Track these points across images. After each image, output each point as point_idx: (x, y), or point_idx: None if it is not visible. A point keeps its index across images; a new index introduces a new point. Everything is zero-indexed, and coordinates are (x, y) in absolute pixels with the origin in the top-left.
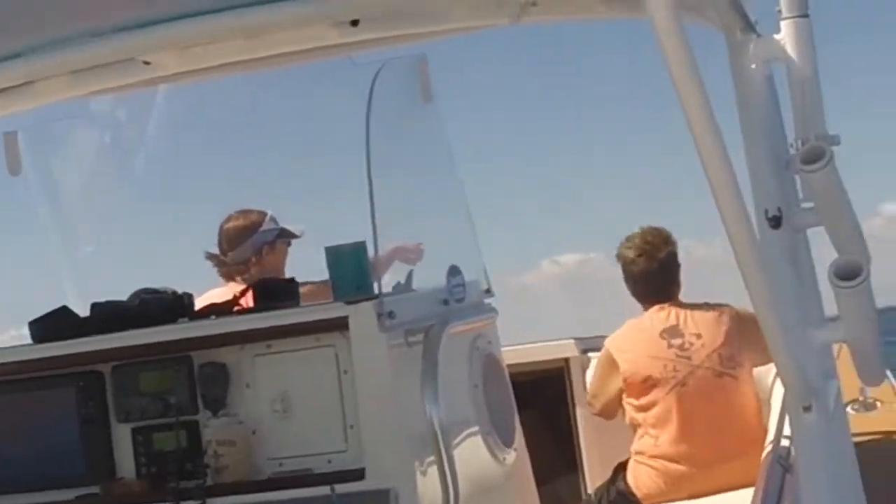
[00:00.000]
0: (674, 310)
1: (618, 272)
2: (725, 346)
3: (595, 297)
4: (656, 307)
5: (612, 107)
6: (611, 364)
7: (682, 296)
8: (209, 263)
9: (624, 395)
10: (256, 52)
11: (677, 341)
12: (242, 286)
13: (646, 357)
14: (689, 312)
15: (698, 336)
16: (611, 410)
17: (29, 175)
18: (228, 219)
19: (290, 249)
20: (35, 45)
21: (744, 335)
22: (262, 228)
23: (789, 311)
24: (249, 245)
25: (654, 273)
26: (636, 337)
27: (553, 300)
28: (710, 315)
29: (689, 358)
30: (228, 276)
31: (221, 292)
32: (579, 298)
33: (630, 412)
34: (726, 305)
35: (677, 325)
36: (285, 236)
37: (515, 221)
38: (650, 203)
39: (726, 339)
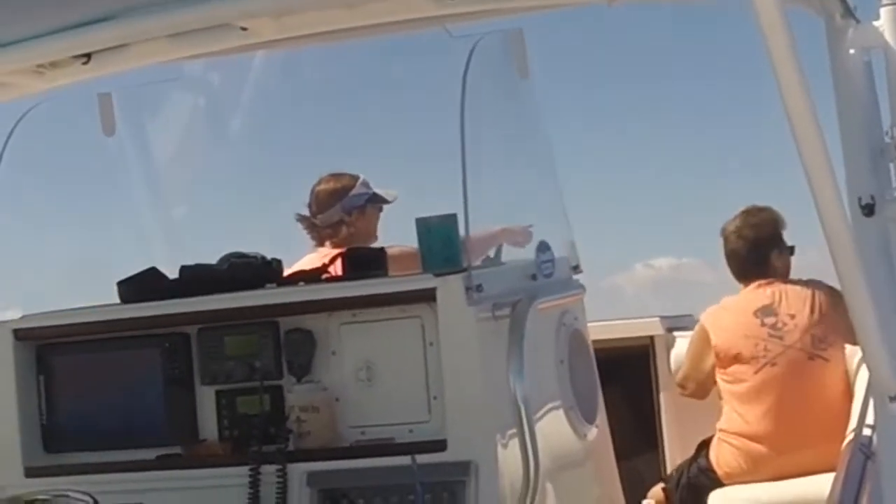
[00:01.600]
0: (770, 288)
1: (709, 276)
2: (819, 327)
3: (686, 299)
4: (754, 284)
5: (704, 112)
6: (705, 340)
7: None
8: (301, 227)
9: (717, 369)
10: (353, 22)
11: (770, 320)
12: (333, 251)
13: (738, 335)
14: (785, 291)
15: (792, 316)
16: (704, 390)
17: (122, 136)
18: (320, 181)
19: (382, 216)
20: (132, 7)
21: (838, 315)
22: (352, 192)
23: (879, 300)
24: (339, 208)
25: (750, 250)
26: (730, 314)
27: (644, 302)
28: (805, 294)
29: (781, 338)
30: (319, 241)
31: (311, 259)
32: (670, 301)
33: (721, 384)
34: (823, 284)
35: (772, 304)
36: (376, 201)
37: (610, 224)
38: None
39: (820, 319)
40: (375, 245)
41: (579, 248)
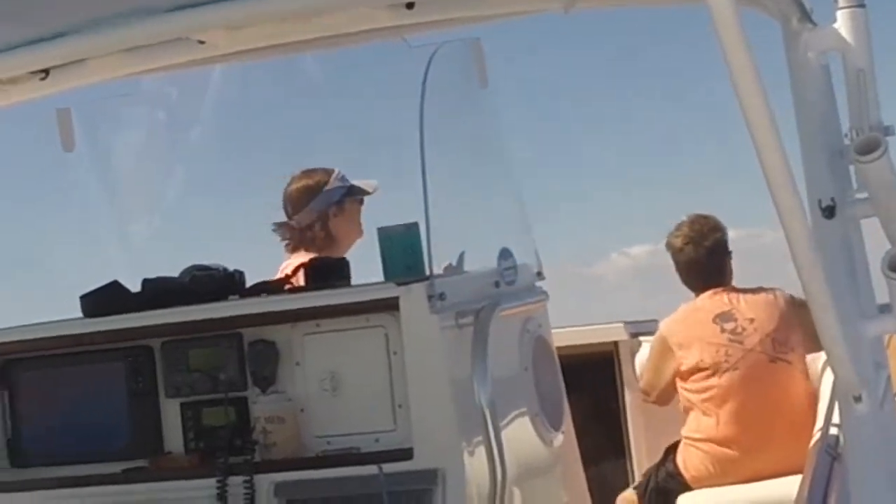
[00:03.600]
0: (727, 294)
1: None
2: (779, 331)
3: (665, 286)
4: (710, 292)
5: (670, 99)
6: (665, 350)
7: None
8: (276, 236)
9: (677, 380)
10: (310, 34)
11: (730, 325)
12: (307, 257)
13: (699, 342)
14: (742, 297)
15: (751, 320)
16: (667, 397)
17: (82, 151)
18: (291, 181)
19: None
20: (88, 22)
21: (798, 320)
22: (327, 188)
23: (841, 301)
24: (315, 205)
25: (701, 260)
26: (689, 322)
27: (624, 290)
28: (763, 299)
29: (741, 342)
30: (296, 246)
31: (289, 267)
32: (650, 288)
33: (683, 394)
34: (780, 290)
35: (730, 309)
36: (355, 194)
37: (583, 214)
38: (703, 194)
39: (780, 323)
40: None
41: (554, 245)
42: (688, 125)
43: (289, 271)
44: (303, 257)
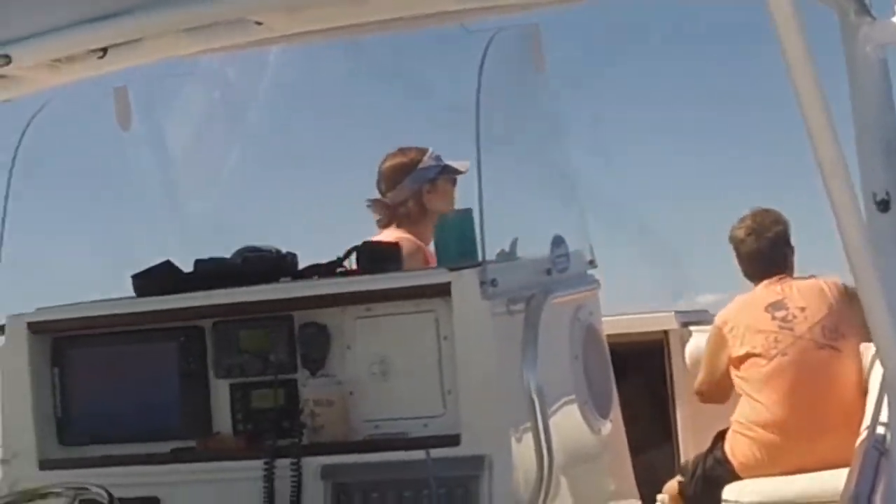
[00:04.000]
0: (780, 284)
1: None
2: (829, 318)
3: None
4: (765, 282)
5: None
6: (719, 339)
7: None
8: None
9: (731, 368)
10: (368, 17)
11: (781, 313)
12: (402, 233)
13: (750, 330)
14: (795, 286)
15: (802, 309)
16: (722, 391)
17: (138, 130)
18: (386, 158)
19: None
20: (148, 2)
21: (850, 309)
22: (421, 166)
23: (893, 295)
24: (409, 183)
25: (762, 252)
26: (742, 312)
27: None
28: (816, 288)
29: (791, 329)
30: (388, 222)
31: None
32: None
33: (735, 381)
34: (832, 279)
35: (783, 298)
36: (448, 173)
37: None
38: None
39: (830, 311)
40: None
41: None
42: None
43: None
44: (394, 233)
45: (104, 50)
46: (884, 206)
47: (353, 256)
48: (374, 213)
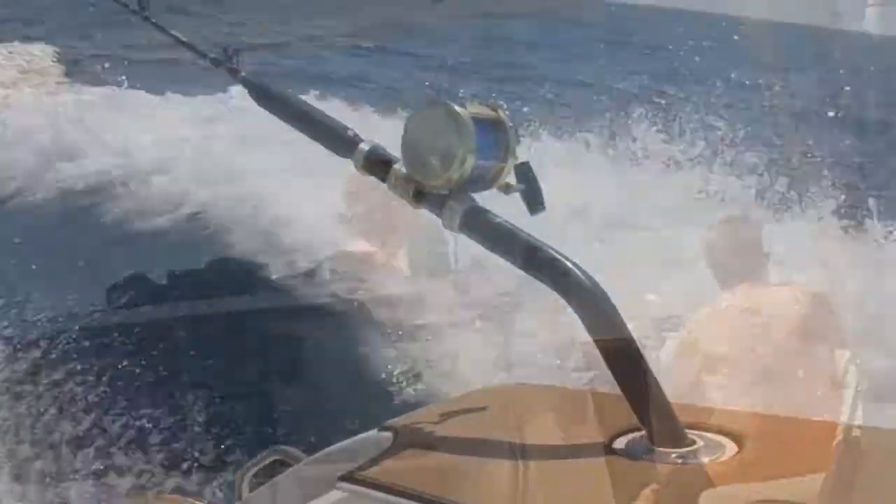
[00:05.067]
0: (754, 290)
1: None
2: (802, 326)
3: None
4: (739, 287)
5: None
6: (691, 347)
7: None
8: None
9: (702, 374)
10: None
11: (755, 320)
12: None
13: (723, 337)
14: (768, 292)
15: (776, 316)
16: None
17: None
18: None
19: None
20: None
21: (822, 317)
22: None
23: None
24: None
25: (745, 254)
26: (717, 319)
27: None
28: (789, 295)
29: (765, 337)
30: None
31: None
32: None
33: (705, 389)
34: (807, 286)
35: (757, 305)
36: None
37: None
38: None
39: (804, 319)
40: None
41: None
42: None
43: None
44: None
45: None
46: None
47: None
48: None
